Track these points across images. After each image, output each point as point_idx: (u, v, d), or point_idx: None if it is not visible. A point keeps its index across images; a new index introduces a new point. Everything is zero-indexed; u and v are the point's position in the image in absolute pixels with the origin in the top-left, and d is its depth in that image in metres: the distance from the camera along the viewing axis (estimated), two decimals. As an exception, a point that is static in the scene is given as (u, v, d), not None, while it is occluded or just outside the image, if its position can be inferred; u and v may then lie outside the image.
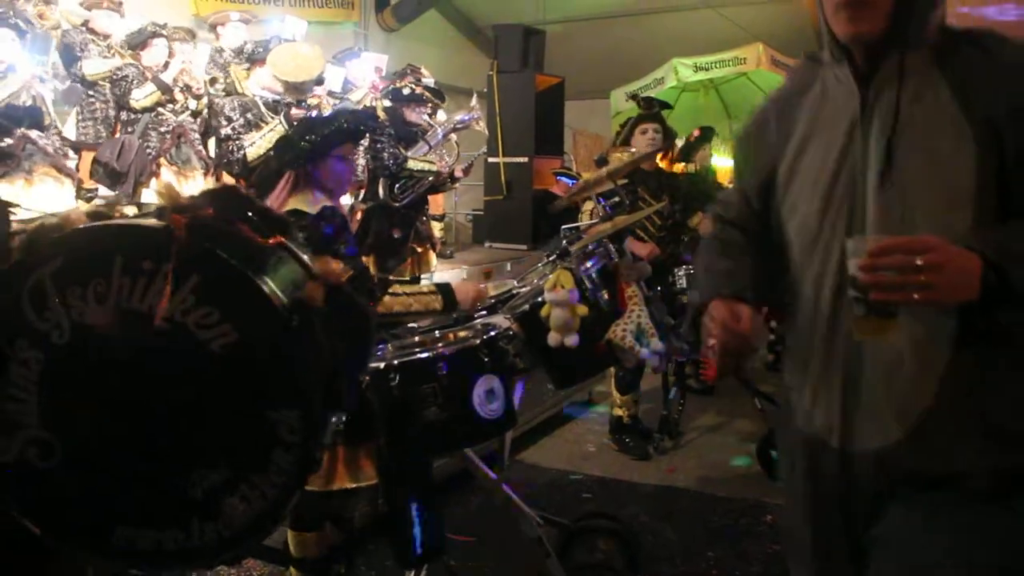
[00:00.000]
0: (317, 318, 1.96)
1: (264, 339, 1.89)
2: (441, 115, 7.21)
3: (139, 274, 1.90)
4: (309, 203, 3.18)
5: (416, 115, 6.61)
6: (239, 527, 1.95)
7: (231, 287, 1.89)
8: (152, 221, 1.97)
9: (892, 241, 1.47)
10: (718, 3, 12.45)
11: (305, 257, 2.12)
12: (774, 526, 4.35)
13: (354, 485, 3.17)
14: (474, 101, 7.13)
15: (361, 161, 6.38)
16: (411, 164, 6.27)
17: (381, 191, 6.16)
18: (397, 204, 6.25)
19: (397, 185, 6.26)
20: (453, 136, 7.02)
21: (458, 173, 6.91)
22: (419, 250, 6.75)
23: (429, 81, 7.38)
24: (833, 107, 1.77)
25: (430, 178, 6.47)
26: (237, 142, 5.64)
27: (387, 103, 6.81)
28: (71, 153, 6.06)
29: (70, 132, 6.41)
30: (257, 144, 5.48)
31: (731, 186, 6.33)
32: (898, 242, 1.47)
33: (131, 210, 2.29)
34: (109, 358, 1.97)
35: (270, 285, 1.90)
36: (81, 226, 2.06)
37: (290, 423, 1.89)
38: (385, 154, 6.03)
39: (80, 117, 6.39)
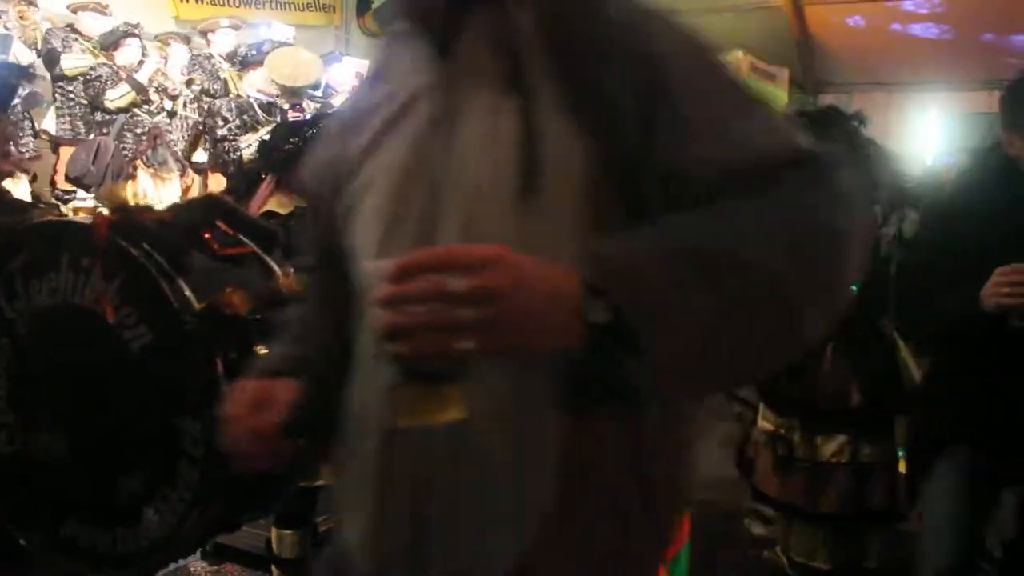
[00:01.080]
0: (233, 327, 1.91)
1: (171, 343, 1.90)
2: None
3: (79, 270, 1.97)
4: (284, 205, 3.19)
5: None
6: (153, 539, 1.95)
7: (147, 288, 1.91)
8: (85, 220, 2.06)
9: (418, 257, 0.89)
10: (698, 11, 12.49)
11: (274, 267, 2.13)
12: (749, 531, 4.36)
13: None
14: None
15: None
16: None
17: None
18: None
19: None
20: None
21: None
22: None
23: None
24: (403, 101, 1.16)
25: None
26: (233, 143, 5.63)
27: None
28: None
29: (49, 127, 6.38)
30: (254, 146, 5.48)
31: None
32: (428, 257, 0.89)
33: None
34: (56, 350, 2.04)
35: (181, 290, 1.90)
36: (37, 221, 2.17)
37: (193, 435, 1.87)
38: None
39: (58, 113, 6.35)
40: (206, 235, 2.09)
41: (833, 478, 3.21)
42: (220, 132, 5.67)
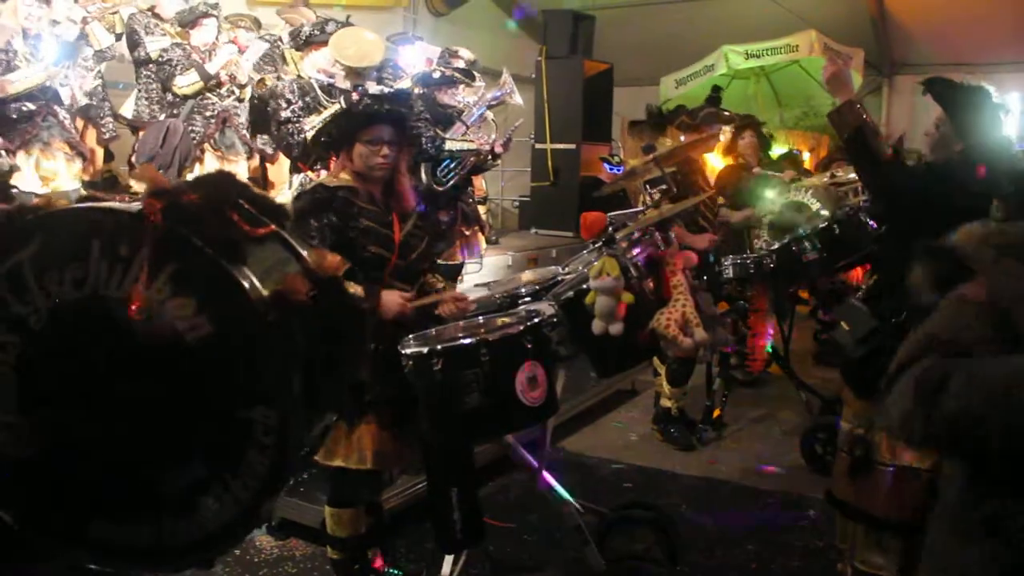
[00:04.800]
0: (298, 314, 1.86)
1: (240, 333, 1.81)
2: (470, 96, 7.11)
3: (116, 260, 1.85)
4: (343, 182, 3.27)
5: (449, 97, 6.58)
6: (211, 529, 1.88)
7: (207, 277, 1.82)
8: (130, 206, 1.90)
9: None
10: (770, -10, 12.26)
11: (298, 247, 2.05)
12: (817, 521, 4.29)
13: (350, 466, 3.19)
14: (504, 76, 7.04)
15: None
16: (449, 145, 6.24)
17: (424, 176, 6.14)
18: (440, 188, 6.23)
19: (439, 168, 6.24)
20: (490, 114, 6.97)
21: (498, 149, 6.87)
22: (467, 232, 6.74)
23: (460, 63, 7.35)
24: None
25: (471, 158, 6.44)
26: (297, 125, 5.67)
27: (419, 89, 6.78)
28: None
29: (127, 111, 6.53)
30: (316, 128, 5.51)
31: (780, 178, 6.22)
32: None
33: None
34: (85, 345, 1.90)
35: (248, 277, 1.81)
36: (59, 208, 2.01)
37: (266, 424, 1.81)
38: (423, 139, 6.03)
39: (138, 96, 6.48)
40: (233, 216, 1.96)
41: (915, 483, 3.03)
42: (283, 114, 5.70)
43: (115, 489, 1.92)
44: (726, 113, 5.83)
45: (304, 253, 2.05)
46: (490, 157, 6.70)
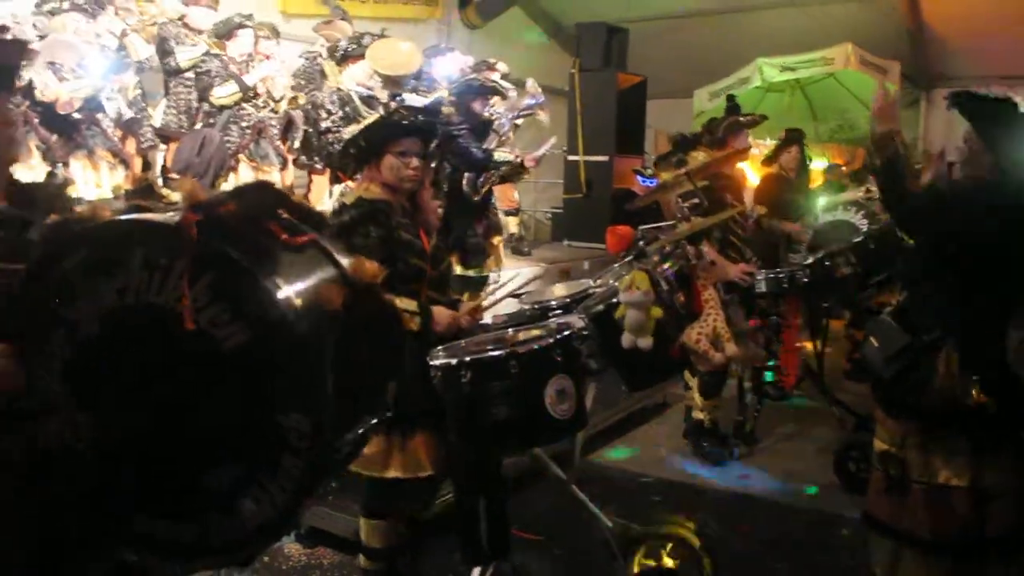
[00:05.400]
0: (333, 321, 1.89)
1: (272, 342, 1.85)
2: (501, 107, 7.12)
3: (156, 269, 1.91)
4: (376, 195, 3.29)
5: (480, 106, 6.61)
6: (250, 529, 1.94)
7: (242, 286, 1.86)
8: (169, 218, 1.96)
9: None
10: (805, 2, 12.19)
11: (337, 255, 2.09)
12: (850, 540, 4.23)
13: (408, 476, 3.19)
14: (530, 85, 7.04)
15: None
16: (497, 156, 6.27)
17: (465, 185, 6.15)
18: (477, 198, 6.24)
19: (479, 179, 6.26)
20: (519, 121, 6.98)
21: (529, 163, 6.88)
22: (495, 243, 6.75)
23: (496, 76, 7.37)
24: None
25: (501, 168, 6.45)
26: (337, 135, 5.74)
27: (452, 99, 6.81)
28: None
29: (156, 120, 6.63)
30: (346, 139, 5.57)
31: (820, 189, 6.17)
32: None
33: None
34: (131, 350, 1.98)
35: (280, 286, 1.85)
36: (104, 220, 2.09)
37: (300, 429, 1.85)
38: (473, 149, 6.04)
39: (167, 106, 6.57)
40: (271, 225, 2.03)
41: (951, 502, 2.93)
42: (324, 124, 5.79)
43: (160, 488, 2.00)
44: (746, 118, 5.76)
45: (343, 261, 2.08)
46: (520, 169, 6.72)
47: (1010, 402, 2.83)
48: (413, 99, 6.07)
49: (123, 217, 2.15)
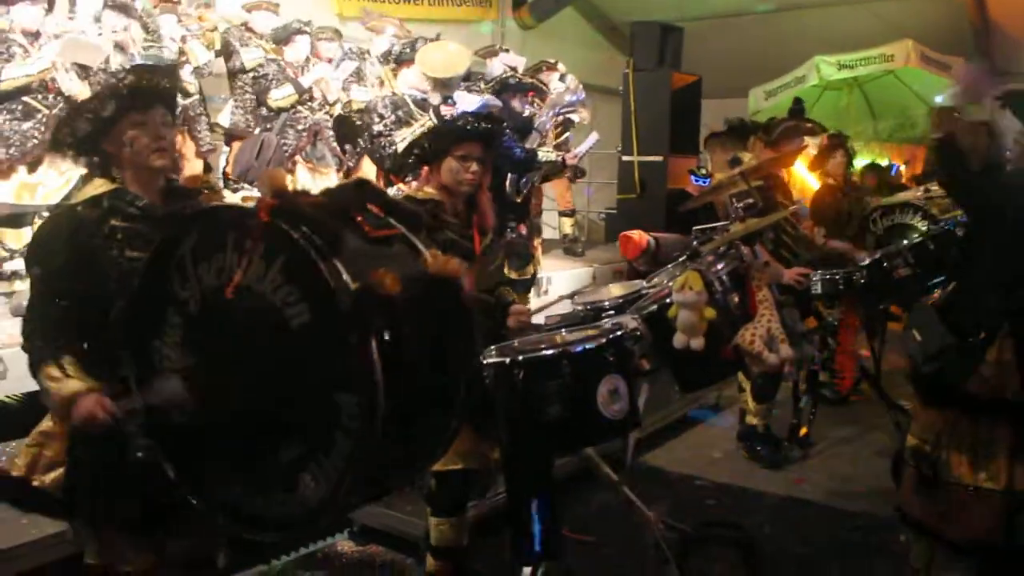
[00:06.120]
0: (388, 308, 1.96)
1: (330, 321, 1.96)
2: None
3: (243, 251, 2.08)
4: (428, 196, 3.34)
5: (520, 103, 6.58)
6: (310, 504, 2.05)
7: (307, 268, 1.97)
8: (250, 205, 2.14)
9: None
10: (865, -2, 12.00)
11: (422, 248, 2.21)
12: (907, 546, 4.15)
13: (469, 466, 3.25)
14: (570, 82, 7.00)
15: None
16: (541, 155, 6.25)
17: (508, 186, 6.14)
18: (519, 199, 6.22)
19: (523, 180, 6.24)
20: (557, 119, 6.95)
21: (570, 160, 6.85)
22: (535, 244, 6.74)
23: (555, 76, 7.36)
24: None
25: (541, 168, 6.43)
26: (389, 138, 5.80)
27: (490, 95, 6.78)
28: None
29: (224, 121, 6.77)
30: (407, 140, 5.64)
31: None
32: None
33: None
34: (222, 328, 2.17)
35: (338, 270, 1.95)
36: (206, 206, 2.37)
37: (350, 408, 1.94)
38: (517, 150, 6.03)
39: (234, 106, 6.72)
40: (358, 217, 2.16)
41: (983, 505, 2.94)
42: (376, 128, 5.85)
43: (241, 459, 2.16)
44: (809, 124, 5.67)
45: (426, 253, 2.20)
46: (561, 167, 6.69)
47: None
48: (465, 97, 6.09)
49: (218, 204, 2.44)
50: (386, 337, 1.94)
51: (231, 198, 5.73)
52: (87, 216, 2.52)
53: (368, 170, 6.67)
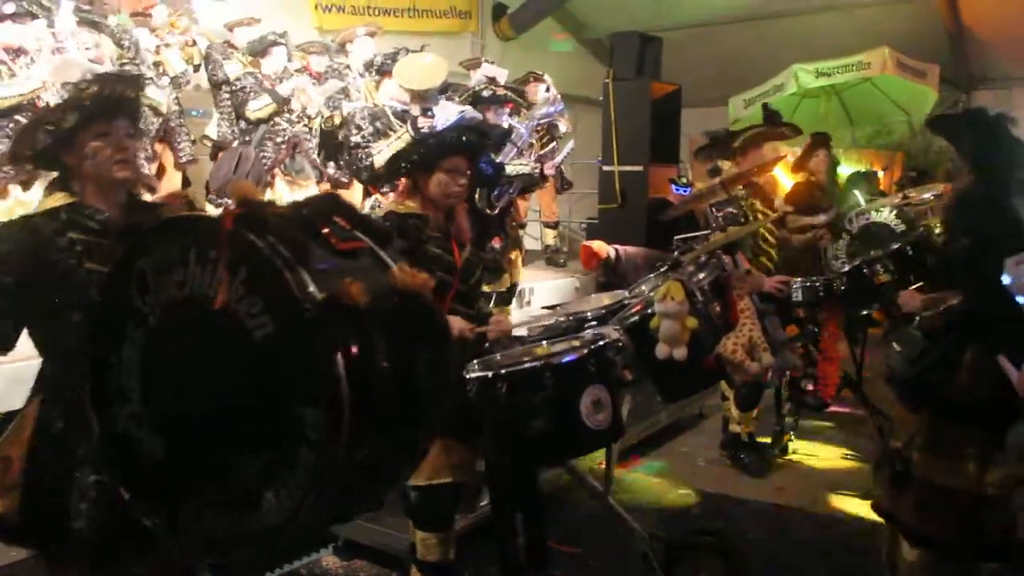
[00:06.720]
0: (354, 320, 1.93)
1: (292, 332, 1.92)
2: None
3: (207, 263, 2.04)
4: (410, 209, 3.33)
5: (496, 117, 6.57)
6: (271, 523, 1.98)
7: (272, 279, 1.94)
8: (214, 215, 2.15)
9: None
10: (840, 6, 12.10)
11: (389, 262, 2.17)
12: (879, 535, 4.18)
13: (425, 482, 3.22)
14: (551, 92, 6.99)
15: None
16: (509, 169, 6.24)
17: (477, 199, 6.12)
18: (493, 212, 6.20)
19: (494, 193, 6.22)
20: (533, 135, 6.94)
21: (548, 170, 6.82)
22: (513, 257, 6.72)
23: (542, 88, 7.36)
24: None
25: (515, 180, 6.40)
26: (366, 150, 5.78)
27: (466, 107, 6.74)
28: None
29: (212, 133, 6.78)
30: (383, 152, 5.62)
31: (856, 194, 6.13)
32: None
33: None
34: (182, 341, 2.12)
35: (303, 281, 1.92)
36: (167, 217, 2.27)
37: (314, 421, 1.90)
38: (484, 164, 6.02)
39: (220, 118, 6.71)
40: (325, 230, 2.14)
41: (948, 503, 3.08)
42: (354, 139, 5.84)
43: (202, 477, 2.10)
44: (780, 129, 5.68)
45: (393, 267, 2.16)
46: (540, 179, 6.67)
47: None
48: (446, 107, 6.08)
49: (181, 215, 2.34)
50: (353, 350, 1.91)
51: (213, 213, 5.70)
52: (42, 227, 2.47)
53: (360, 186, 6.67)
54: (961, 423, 3.10)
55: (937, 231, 5.24)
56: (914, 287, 4.27)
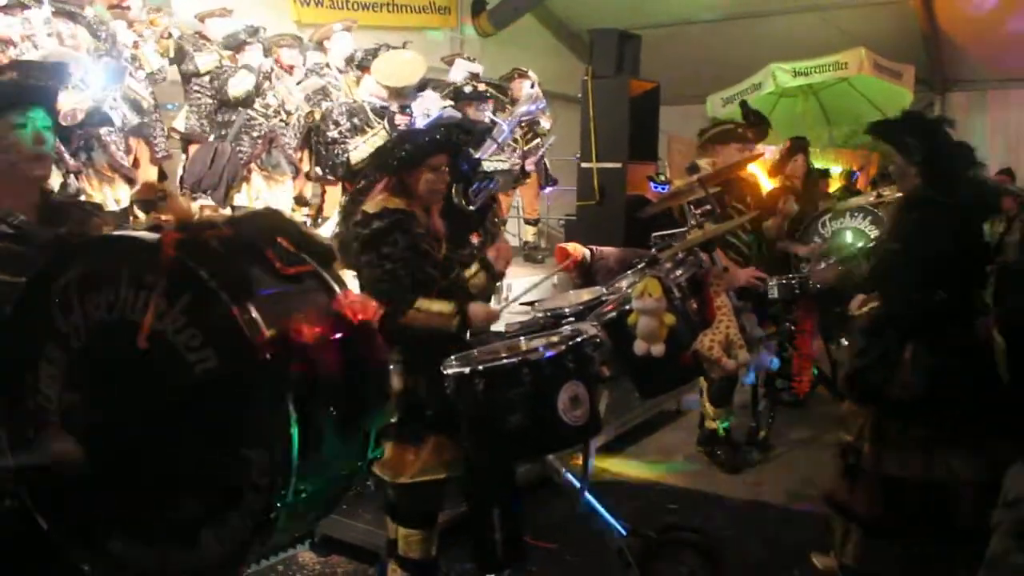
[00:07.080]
0: (302, 356, 1.83)
1: (238, 370, 1.81)
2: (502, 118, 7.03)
3: (141, 287, 1.90)
4: (395, 204, 3.29)
5: (478, 113, 6.53)
6: (210, 563, 1.89)
7: (214, 311, 1.82)
8: (152, 237, 1.93)
9: None
10: (818, 7, 12.17)
11: (336, 288, 2.05)
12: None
13: (420, 479, 3.21)
14: (533, 88, 6.99)
15: None
16: (485, 166, 6.23)
17: (454, 195, 6.11)
18: (472, 208, 6.19)
19: (471, 189, 6.21)
20: (517, 131, 6.94)
21: (528, 167, 6.81)
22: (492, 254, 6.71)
23: (527, 84, 7.35)
24: None
25: (495, 177, 6.40)
26: (343, 146, 5.76)
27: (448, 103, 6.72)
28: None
29: (179, 125, 6.72)
30: (360, 148, 5.60)
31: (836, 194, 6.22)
32: None
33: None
34: (112, 367, 1.97)
35: (252, 315, 1.80)
36: (97, 235, 2.14)
37: (261, 464, 1.80)
38: (458, 158, 6.01)
39: (188, 110, 6.66)
40: (268, 252, 2.01)
41: (896, 492, 3.22)
42: (331, 135, 5.82)
43: (132, 510, 1.98)
44: (748, 133, 5.68)
45: (339, 294, 2.05)
46: (521, 175, 6.67)
47: (965, 395, 3.13)
48: (429, 96, 6.06)
49: (112, 234, 2.19)
50: (302, 390, 1.82)
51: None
52: None
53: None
54: (905, 417, 3.23)
55: None
56: None
